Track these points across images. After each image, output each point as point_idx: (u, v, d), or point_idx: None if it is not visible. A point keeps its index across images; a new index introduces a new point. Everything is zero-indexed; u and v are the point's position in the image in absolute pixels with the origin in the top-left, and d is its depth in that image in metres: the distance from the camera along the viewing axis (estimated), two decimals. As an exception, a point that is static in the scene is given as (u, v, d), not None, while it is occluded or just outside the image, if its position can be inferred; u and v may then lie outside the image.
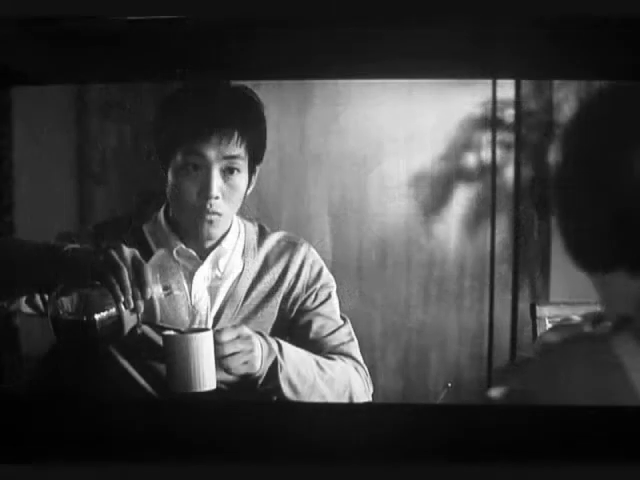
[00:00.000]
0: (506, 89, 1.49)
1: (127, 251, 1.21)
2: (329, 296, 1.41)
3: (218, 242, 1.38)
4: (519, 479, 1.24)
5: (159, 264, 1.26)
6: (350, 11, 1.24)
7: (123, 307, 1.20)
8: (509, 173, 1.51)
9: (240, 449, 1.29)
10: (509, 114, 1.51)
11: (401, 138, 1.50)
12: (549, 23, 1.22)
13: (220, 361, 1.27)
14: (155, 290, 1.23)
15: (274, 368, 1.30)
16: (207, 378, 1.26)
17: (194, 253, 1.37)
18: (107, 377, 1.32)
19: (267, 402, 1.32)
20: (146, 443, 1.29)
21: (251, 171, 1.36)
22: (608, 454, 1.24)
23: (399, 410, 1.36)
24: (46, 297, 1.26)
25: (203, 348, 1.26)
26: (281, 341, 1.33)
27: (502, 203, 1.51)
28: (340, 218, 1.53)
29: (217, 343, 1.26)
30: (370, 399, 1.40)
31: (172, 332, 1.28)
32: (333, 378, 1.35)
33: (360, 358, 1.40)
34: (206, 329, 1.30)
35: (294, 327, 1.39)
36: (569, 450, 1.25)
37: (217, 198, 1.33)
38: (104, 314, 1.22)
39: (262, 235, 1.42)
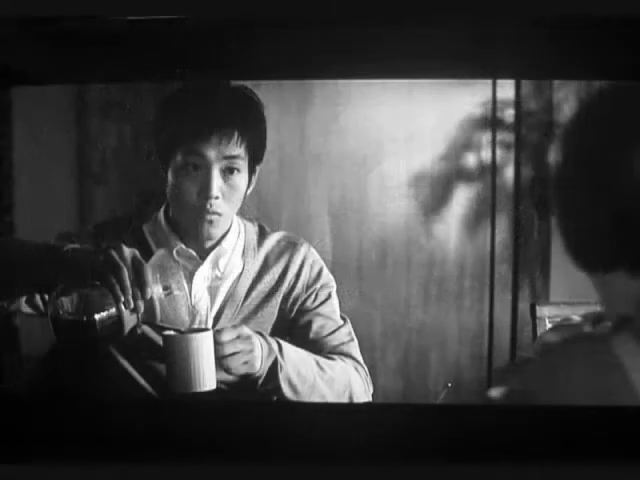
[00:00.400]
0: (506, 89, 1.49)
1: (127, 251, 1.21)
2: (329, 296, 1.41)
3: (218, 242, 1.38)
4: (519, 479, 1.24)
5: (159, 264, 1.26)
6: (350, 11, 1.24)
7: (123, 307, 1.21)
8: (509, 173, 1.51)
9: (240, 449, 1.29)
10: (509, 114, 1.51)
11: (401, 138, 1.50)
12: (549, 23, 1.22)
13: (220, 361, 1.27)
14: (155, 290, 1.23)
15: (274, 368, 1.30)
16: (207, 378, 1.26)
17: (194, 253, 1.37)
18: (107, 377, 1.32)
19: (267, 402, 1.32)
20: (146, 443, 1.29)
21: (251, 171, 1.36)
22: (608, 454, 1.24)
23: (399, 410, 1.36)
24: (46, 297, 1.26)
25: (203, 348, 1.26)
26: (281, 341, 1.33)
27: (502, 203, 1.50)
28: (340, 218, 1.52)
29: (217, 343, 1.27)
30: (370, 399, 1.40)
31: (172, 332, 1.28)
32: (333, 378, 1.35)
33: (360, 358, 1.40)
34: (206, 329, 1.30)
35: (294, 327, 1.39)
36: (569, 450, 1.25)
37: (217, 198, 1.33)
38: (104, 314, 1.22)
39: (262, 235, 1.42)
